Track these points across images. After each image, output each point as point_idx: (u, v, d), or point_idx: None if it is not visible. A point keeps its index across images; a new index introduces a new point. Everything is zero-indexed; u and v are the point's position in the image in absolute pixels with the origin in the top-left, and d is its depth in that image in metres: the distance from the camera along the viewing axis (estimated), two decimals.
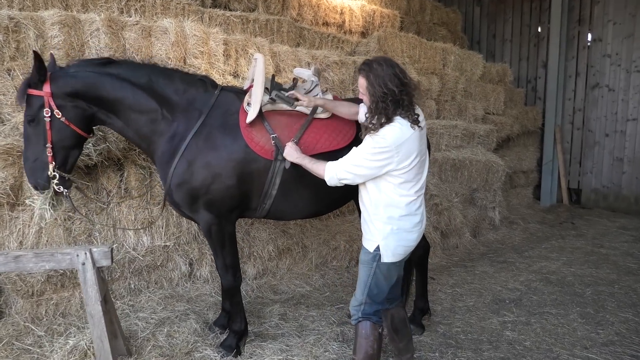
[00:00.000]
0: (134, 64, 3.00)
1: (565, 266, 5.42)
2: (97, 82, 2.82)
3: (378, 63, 2.49)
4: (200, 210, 2.98)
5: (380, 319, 2.73)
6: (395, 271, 2.67)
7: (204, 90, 3.07)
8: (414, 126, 2.45)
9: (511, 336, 3.65)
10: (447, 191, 6.24)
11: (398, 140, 2.40)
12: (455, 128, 6.58)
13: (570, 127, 9.15)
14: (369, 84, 2.47)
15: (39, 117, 2.73)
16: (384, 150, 2.41)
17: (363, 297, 2.68)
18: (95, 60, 2.92)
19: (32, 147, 2.78)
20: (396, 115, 2.44)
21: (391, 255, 2.57)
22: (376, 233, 2.58)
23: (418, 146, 2.48)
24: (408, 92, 2.47)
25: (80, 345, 2.77)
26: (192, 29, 4.12)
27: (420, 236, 2.68)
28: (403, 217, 2.55)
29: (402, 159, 2.43)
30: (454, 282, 4.83)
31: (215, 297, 3.97)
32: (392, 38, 6.13)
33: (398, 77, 2.44)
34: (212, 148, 2.92)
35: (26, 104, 2.72)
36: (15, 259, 2.47)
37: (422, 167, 2.62)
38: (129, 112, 2.92)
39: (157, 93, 2.94)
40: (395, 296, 2.94)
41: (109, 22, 3.70)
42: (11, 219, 3.28)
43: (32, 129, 2.76)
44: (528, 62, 9.61)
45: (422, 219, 2.67)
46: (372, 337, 2.67)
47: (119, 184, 3.76)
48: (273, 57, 4.81)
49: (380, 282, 2.64)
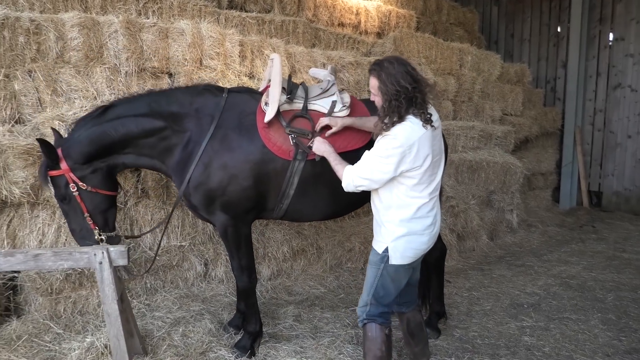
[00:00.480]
0: (129, 99, 3.01)
1: (586, 271, 5.30)
2: (101, 134, 2.83)
3: (389, 62, 2.45)
4: (217, 211, 2.98)
5: (386, 320, 2.67)
6: (405, 274, 2.62)
7: (212, 96, 3.06)
8: (426, 125, 2.40)
9: (529, 342, 3.58)
10: (463, 193, 6.16)
11: (409, 139, 2.36)
12: (472, 129, 6.49)
13: (590, 128, 8.97)
14: (380, 83, 2.44)
15: (67, 194, 2.80)
16: (396, 150, 2.37)
17: (368, 298, 2.63)
18: (93, 113, 2.91)
19: (73, 220, 2.87)
20: (409, 114, 2.40)
21: (400, 257, 2.53)
22: (386, 235, 2.54)
23: (430, 146, 2.42)
24: (421, 90, 2.42)
25: (97, 344, 2.80)
26: (208, 30, 4.14)
27: (432, 239, 2.62)
28: (414, 219, 2.50)
29: (414, 158, 2.38)
30: (470, 285, 4.76)
31: (230, 297, 3.98)
32: (408, 38, 6.09)
33: (410, 75, 2.40)
34: (228, 149, 2.91)
35: (52, 185, 2.79)
36: (35, 257, 2.50)
37: (436, 169, 2.56)
38: (138, 140, 2.93)
39: (161, 113, 2.94)
40: (411, 300, 2.91)
41: (127, 24, 3.74)
42: (31, 218, 3.34)
43: (66, 205, 2.84)
44: (547, 62, 9.45)
45: (435, 222, 2.61)
46: (379, 339, 2.62)
47: (136, 184, 3.80)
48: (288, 58, 4.81)
49: (387, 284, 2.59)
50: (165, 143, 2.96)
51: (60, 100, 3.52)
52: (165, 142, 2.95)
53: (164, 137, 2.94)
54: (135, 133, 2.89)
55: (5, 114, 3.43)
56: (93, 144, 2.80)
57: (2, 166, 3.13)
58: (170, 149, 2.97)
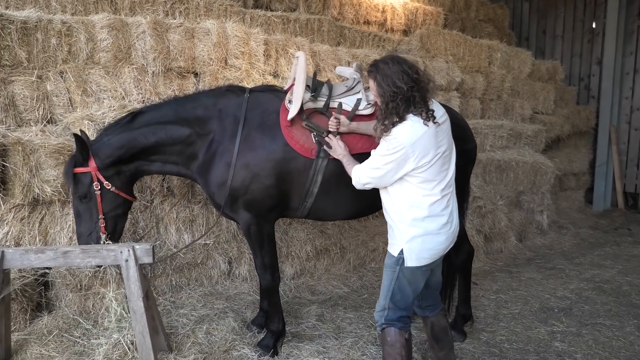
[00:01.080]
0: (157, 106, 3.07)
1: (621, 275, 5.10)
2: (131, 140, 2.89)
3: (384, 62, 2.40)
4: (240, 210, 2.99)
5: (405, 324, 2.60)
6: (422, 276, 2.53)
7: (234, 97, 3.08)
8: (428, 122, 2.33)
9: (560, 347, 3.45)
10: (491, 193, 6.01)
11: (411, 138, 2.31)
12: (501, 128, 6.33)
13: (627, 127, 8.64)
14: (377, 86, 2.39)
15: (90, 192, 2.82)
16: (398, 150, 2.32)
17: (386, 303, 2.56)
18: (121, 120, 2.98)
19: (85, 222, 2.86)
20: (408, 114, 2.34)
21: (415, 259, 2.45)
22: (399, 236, 2.48)
23: (436, 143, 2.36)
24: (420, 88, 2.35)
25: (124, 340, 2.85)
26: (233, 29, 4.17)
27: (450, 239, 2.52)
28: (427, 218, 2.42)
29: (419, 157, 2.32)
30: (498, 288, 4.64)
31: (254, 295, 4.00)
32: (435, 36, 5.98)
33: (406, 74, 2.33)
34: (250, 149, 2.92)
35: (75, 183, 2.80)
36: (64, 254, 2.57)
37: (447, 165, 2.47)
38: (166, 148, 2.98)
39: (187, 119, 2.99)
40: (435, 304, 2.83)
41: (155, 24, 3.80)
42: (62, 216, 3.43)
43: (84, 205, 2.85)
44: (581, 59, 9.14)
45: (451, 220, 2.51)
46: (398, 344, 2.55)
47: (162, 183, 3.85)
48: (313, 56, 4.79)
49: (403, 287, 2.52)
50: (191, 149, 3.01)
51: (89, 100, 3.61)
52: (191, 147, 3.00)
53: (190, 143, 2.99)
54: (164, 140, 2.95)
55: (38, 114, 3.54)
56: (122, 149, 2.87)
57: (34, 165, 3.23)
58: (195, 154, 3.02)
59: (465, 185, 3.61)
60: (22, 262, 2.59)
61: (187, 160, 3.04)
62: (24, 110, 3.47)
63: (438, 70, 5.72)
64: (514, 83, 6.86)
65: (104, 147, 2.85)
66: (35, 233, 3.31)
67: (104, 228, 2.85)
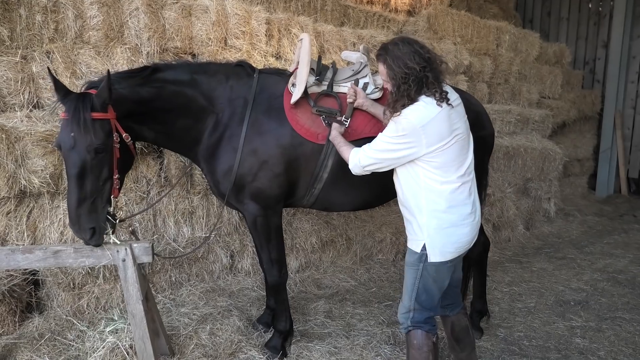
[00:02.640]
0: (173, 65, 2.76)
1: (634, 264, 4.97)
2: (150, 97, 2.55)
3: (394, 44, 2.25)
4: (246, 200, 2.78)
5: (433, 326, 2.42)
6: (447, 272, 2.34)
7: (246, 75, 2.87)
8: (441, 103, 2.16)
9: (582, 344, 3.30)
10: (499, 181, 5.83)
11: (423, 119, 2.13)
12: (509, 113, 6.11)
13: (632, 112, 8.47)
14: (388, 68, 2.23)
15: (108, 144, 2.32)
16: (408, 132, 2.15)
17: (411, 304, 2.37)
18: (136, 72, 2.61)
19: (92, 183, 2.30)
20: (420, 95, 2.18)
21: (439, 254, 2.26)
22: (419, 231, 2.28)
23: (449, 125, 2.18)
24: (433, 68, 2.20)
25: (121, 344, 2.63)
26: (233, 7, 3.88)
27: (474, 231, 2.33)
28: (449, 208, 2.23)
29: (431, 141, 2.15)
30: (510, 279, 4.48)
31: (258, 291, 3.79)
32: (442, 16, 5.70)
33: (418, 54, 2.18)
34: (258, 134, 2.73)
35: (90, 132, 2.24)
36: (55, 254, 2.33)
37: (465, 149, 2.28)
38: (177, 119, 2.68)
39: (203, 90, 2.73)
40: (456, 302, 2.64)
41: (149, 1, 3.49)
42: (52, 209, 3.17)
43: (95, 161, 2.29)
44: (586, 42, 8.92)
45: (475, 211, 2.32)
46: (425, 348, 2.37)
47: (159, 172, 3.60)
48: (317, 37, 4.52)
49: (429, 285, 2.33)
50: (200, 125, 2.75)
51: (79, 83, 3.30)
52: (200, 124, 2.75)
53: (200, 118, 2.74)
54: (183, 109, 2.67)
55: (23, 98, 3.23)
56: (140, 104, 2.52)
57: (20, 154, 2.95)
58: (201, 131, 2.76)
59: (483, 175, 3.41)
60: (8, 263, 2.34)
61: (194, 137, 2.76)
62: (7, 94, 3.16)
63: (446, 53, 5.45)
64: (521, 66, 6.62)
65: (121, 96, 2.44)
66: (23, 228, 3.05)
67: (117, 191, 2.40)
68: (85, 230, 2.28)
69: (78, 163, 2.25)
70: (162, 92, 2.60)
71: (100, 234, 2.32)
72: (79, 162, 2.25)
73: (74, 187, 2.27)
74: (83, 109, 2.24)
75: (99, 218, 2.32)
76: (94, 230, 2.30)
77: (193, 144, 2.79)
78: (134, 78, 2.56)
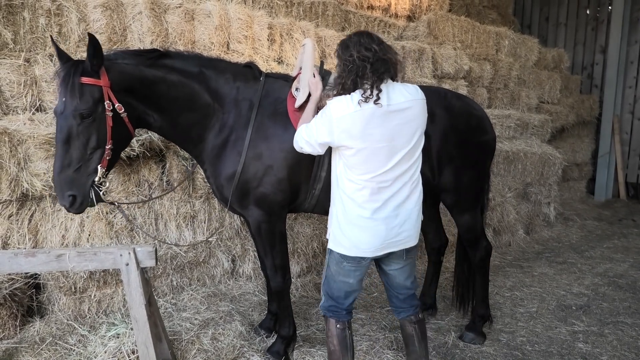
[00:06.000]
0: (183, 55, 2.73)
1: (634, 269, 4.97)
2: (155, 79, 2.52)
3: (349, 35, 2.26)
4: (250, 206, 2.76)
5: (338, 315, 2.42)
6: (349, 269, 2.29)
7: (252, 78, 2.86)
8: (362, 102, 2.07)
9: (584, 349, 3.29)
10: (499, 185, 5.84)
11: (338, 112, 2.11)
12: (509, 118, 6.14)
13: (630, 117, 8.51)
14: (337, 58, 2.25)
15: (96, 112, 2.28)
16: (326, 119, 2.16)
17: (322, 289, 2.46)
18: (145, 52, 2.59)
19: (77, 150, 2.27)
20: (356, 89, 2.14)
21: (336, 243, 2.28)
22: (329, 219, 2.37)
23: (364, 127, 2.07)
24: (376, 60, 2.11)
25: (123, 349, 2.61)
26: (236, 12, 3.89)
27: (380, 240, 2.22)
28: (349, 206, 2.22)
29: (341, 136, 2.11)
30: (511, 284, 4.48)
31: (259, 296, 3.78)
32: (443, 21, 5.73)
33: (364, 45, 2.13)
34: (263, 138, 2.71)
35: (76, 96, 2.23)
36: (57, 258, 2.31)
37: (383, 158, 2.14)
38: (182, 111, 2.66)
39: (210, 86, 2.71)
40: (402, 307, 2.54)
41: (152, 4, 3.50)
42: (54, 212, 3.16)
43: (82, 127, 2.26)
44: (584, 47, 8.97)
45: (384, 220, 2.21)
46: (329, 333, 2.43)
47: (161, 176, 3.59)
48: (319, 42, 4.54)
49: (330, 277, 2.36)
50: (206, 122, 2.72)
51: None
52: (206, 120, 2.72)
53: (206, 115, 2.71)
54: (186, 101, 2.63)
55: (25, 101, 3.23)
56: (143, 81, 2.47)
57: (22, 157, 2.95)
58: (207, 129, 2.73)
59: (485, 180, 3.42)
60: (10, 266, 2.32)
61: (199, 134, 2.73)
62: (10, 96, 3.16)
63: (446, 58, 5.49)
64: (520, 71, 6.66)
65: (125, 70, 2.40)
66: (25, 231, 3.04)
67: (107, 161, 2.34)
68: (65, 197, 2.27)
69: (64, 128, 2.25)
70: (167, 78, 2.57)
71: (81, 203, 2.30)
72: (65, 127, 2.26)
73: (59, 152, 2.27)
74: (74, 74, 2.24)
75: (81, 186, 2.29)
76: (74, 198, 2.28)
77: (198, 141, 2.76)
78: (141, 57, 2.53)
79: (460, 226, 3.30)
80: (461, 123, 3.08)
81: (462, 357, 3.15)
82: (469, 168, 3.10)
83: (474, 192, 3.23)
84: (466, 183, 3.10)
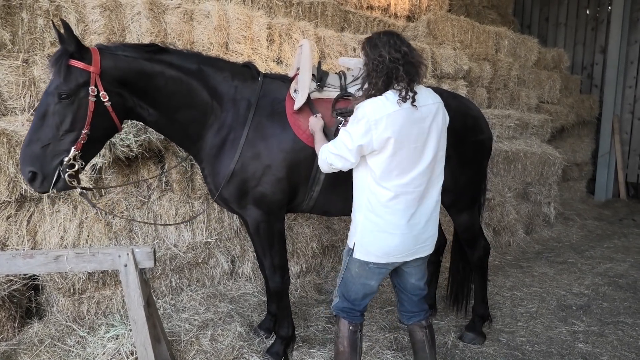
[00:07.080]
0: (182, 52, 2.73)
1: (634, 269, 4.96)
2: (152, 73, 2.52)
3: (377, 34, 2.24)
4: (249, 206, 2.76)
5: (356, 317, 2.42)
6: (371, 274, 2.29)
7: (250, 77, 2.86)
8: (401, 102, 2.09)
9: (585, 349, 3.29)
10: (499, 185, 5.83)
11: (376, 112, 2.08)
12: (508, 118, 6.13)
13: (630, 117, 8.51)
14: (364, 55, 2.21)
15: (77, 95, 2.29)
16: (362, 120, 2.10)
17: (337, 291, 2.46)
18: (143, 46, 2.60)
19: (49, 128, 2.27)
20: (388, 89, 2.13)
21: (364, 253, 2.26)
22: (354, 228, 2.32)
23: (400, 128, 2.09)
24: (406, 63, 2.12)
25: (122, 350, 2.61)
26: (235, 12, 3.89)
27: (409, 244, 2.23)
28: (383, 213, 2.20)
29: (381, 137, 2.09)
30: (511, 284, 4.47)
31: (259, 296, 3.77)
32: (442, 21, 5.72)
33: (394, 46, 2.12)
34: (261, 138, 2.71)
35: (62, 74, 2.26)
36: (56, 259, 2.31)
37: (413, 161, 2.16)
38: (179, 107, 2.65)
39: (208, 84, 2.70)
40: (414, 312, 2.52)
41: (151, 5, 3.50)
42: (52, 213, 3.15)
43: (61, 107, 2.28)
44: (584, 47, 8.96)
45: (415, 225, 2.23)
46: (340, 334, 2.43)
47: (160, 177, 3.59)
48: (318, 42, 4.53)
49: (349, 280, 2.36)
50: (204, 120, 2.71)
51: None
52: (204, 118, 2.71)
53: (204, 113, 2.70)
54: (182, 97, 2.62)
55: (24, 102, 3.22)
56: (138, 74, 2.47)
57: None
58: (205, 127, 2.73)
59: (482, 179, 3.42)
60: (9, 268, 2.31)
61: (197, 132, 2.72)
62: (8, 97, 3.15)
63: (445, 58, 5.48)
64: (520, 71, 6.65)
65: (117, 59, 2.41)
66: (23, 233, 3.03)
67: (82, 145, 2.31)
68: (25, 172, 2.28)
69: (43, 104, 2.29)
70: (165, 73, 2.56)
71: (42, 182, 2.29)
72: (44, 103, 2.29)
73: (32, 126, 2.29)
74: (64, 54, 2.27)
75: (45, 165, 2.28)
76: (34, 175, 2.27)
77: (196, 138, 2.75)
78: (139, 50, 2.53)
79: (458, 226, 3.31)
80: (457, 123, 3.07)
81: (462, 357, 3.15)
82: (466, 167, 3.10)
83: (471, 191, 3.24)
84: (464, 182, 3.10)
